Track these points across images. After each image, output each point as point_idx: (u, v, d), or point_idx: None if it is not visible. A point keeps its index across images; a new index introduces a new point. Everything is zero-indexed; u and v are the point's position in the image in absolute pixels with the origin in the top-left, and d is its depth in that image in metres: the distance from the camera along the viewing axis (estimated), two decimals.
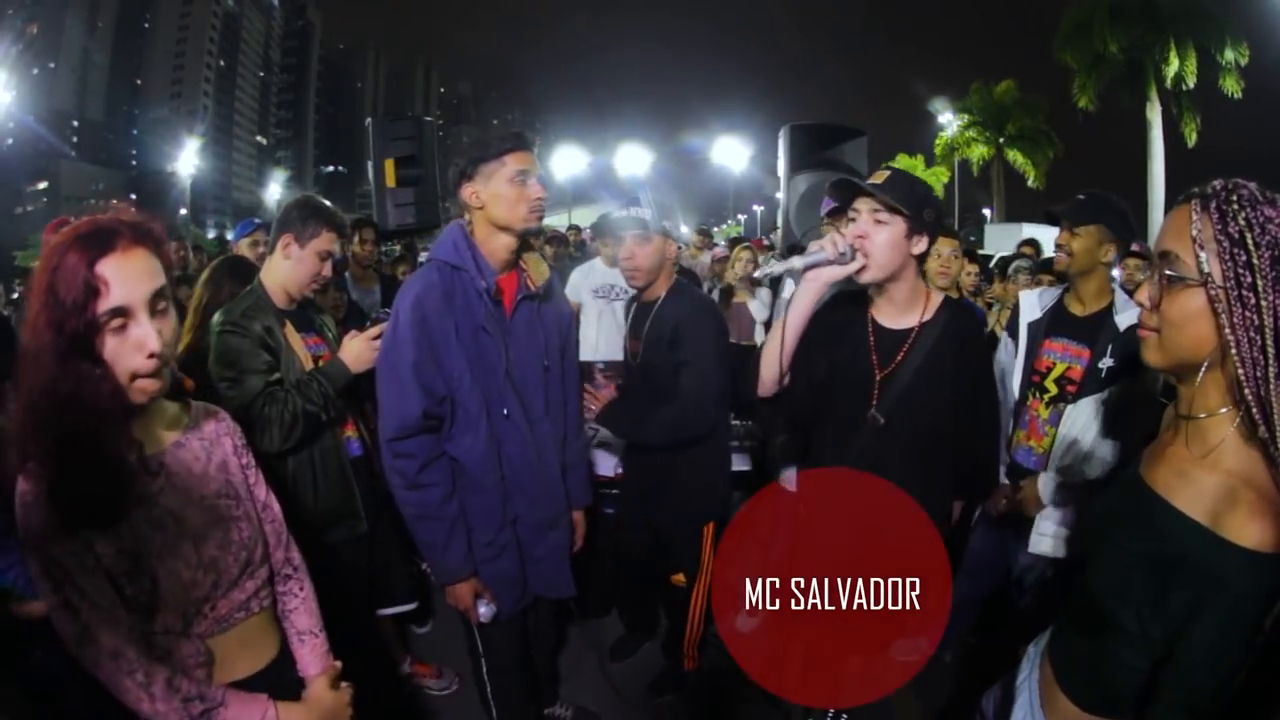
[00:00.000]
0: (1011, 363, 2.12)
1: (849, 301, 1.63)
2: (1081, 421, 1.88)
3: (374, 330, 1.89)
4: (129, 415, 0.99)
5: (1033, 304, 2.13)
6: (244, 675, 1.11)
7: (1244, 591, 0.79)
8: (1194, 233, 0.81)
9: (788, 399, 1.59)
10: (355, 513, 1.99)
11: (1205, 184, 0.84)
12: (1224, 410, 0.85)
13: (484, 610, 1.72)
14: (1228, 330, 0.79)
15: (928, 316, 1.53)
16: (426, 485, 1.63)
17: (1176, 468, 0.89)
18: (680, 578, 2.37)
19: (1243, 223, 0.78)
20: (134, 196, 63.97)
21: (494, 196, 1.61)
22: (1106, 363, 1.89)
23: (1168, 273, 0.84)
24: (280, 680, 1.17)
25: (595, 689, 2.50)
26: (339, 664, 1.26)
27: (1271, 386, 0.77)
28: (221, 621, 1.08)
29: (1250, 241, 0.78)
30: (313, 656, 1.23)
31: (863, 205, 1.47)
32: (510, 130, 1.68)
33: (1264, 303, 0.77)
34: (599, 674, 2.58)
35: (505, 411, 1.66)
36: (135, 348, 0.94)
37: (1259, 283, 0.77)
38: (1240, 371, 0.79)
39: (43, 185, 57.05)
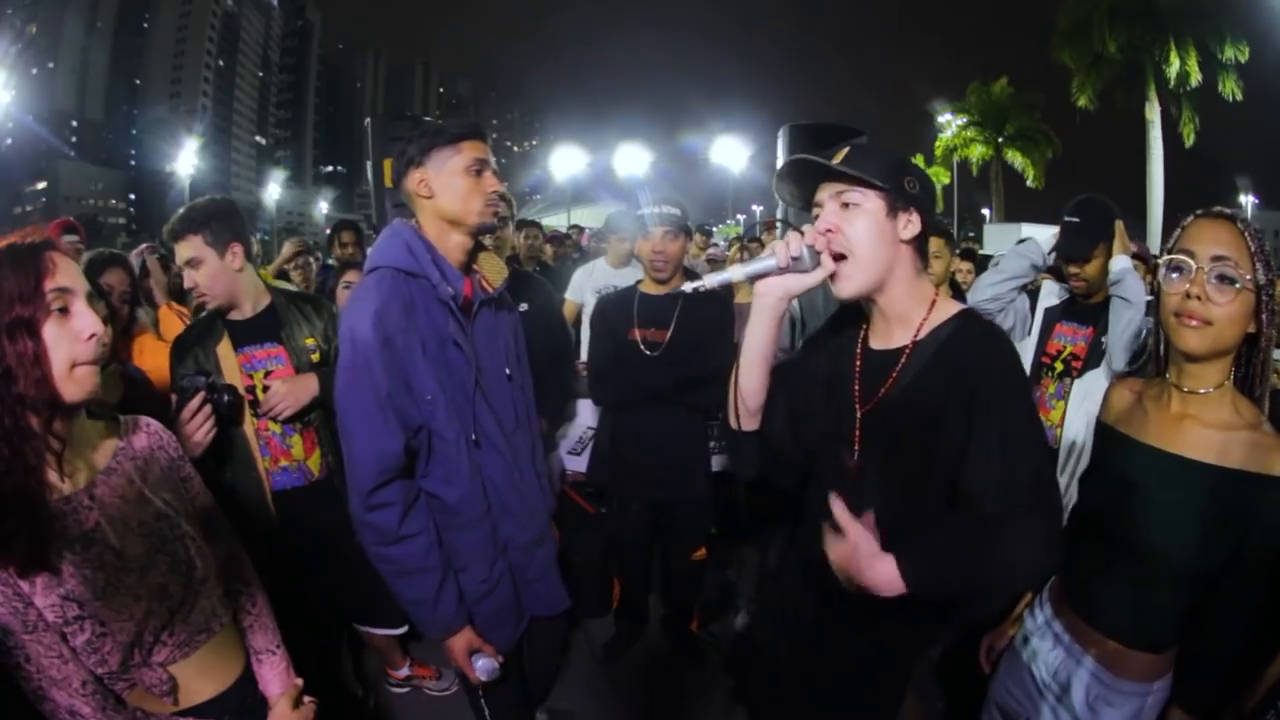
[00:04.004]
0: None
1: (849, 320, 1.28)
2: (1089, 391, 1.99)
3: (189, 407, 1.58)
4: (54, 414, 0.94)
5: (1052, 291, 2.27)
6: (209, 696, 1.09)
7: None
8: (1251, 248, 1.03)
9: (765, 439, 1.30)
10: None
11: (1223, 209, 1.07)
12: (1221, 384, 1.09)
13: (482, 665, 1.51)
14: (1264, 327, 1.05)
15: (923, 334, 1.12)
16: (409, 536, 1.40)
17: (1196, 433, 1.10)
18: (702, 552, 2.55)
19: (1267, 248, 1.04)
20: (133, 196, 64.11)
21: (446, 186, 1.42)
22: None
23: (1232, 275, 1.03)
24: (245, 698, 1.15)
25: (591, 689, 2.50)
26: (300, 681, 1.23)
27: (1270, 366, 1.08)
28: (183, 646, 1.05)
29: (1274, 265, 1.04)
30: (273, 675, 1.19)
31: (825, 192, 1.12)
32: (468, 120, 1.52)
33: (1276, 306, 1.06)
34: (598, 675, 2.58)
35: (484, 431, 1.49)
36: (75, 335, 0.93)
37: (1276, 293, 1.05)
38: (1261, 357, 1.07)
39: (42, 185, 57.01)
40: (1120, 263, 1.98)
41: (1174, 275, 1.07)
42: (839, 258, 1.09)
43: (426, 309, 1.41)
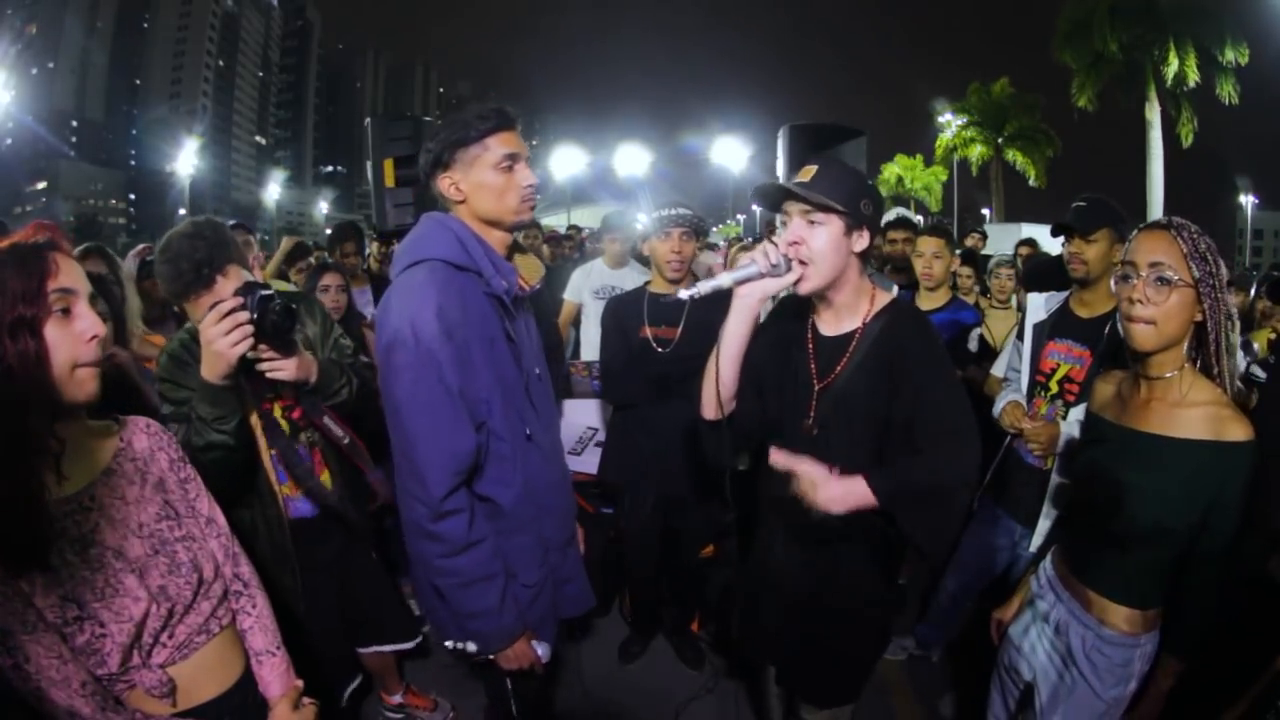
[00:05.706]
0: (1019, 364, 2.14)
1: (792, 310, 1.52)
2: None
3: (223, 306, 1.35)
4: (55, 415, 0.95)
5: (1039, 306, 2.14)
6: (209, 698, 1.09)
7: (1248, 468, 1.21)
8: (1184, 250, 1.20)
9: (735, 421, 1.49)
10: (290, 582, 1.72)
11: (1161, 219, 1.26)
12: (1180, 369, 1.26)
13: (543, 651, 1.46)
14: (1208, 314, 1.21)
15: (868, 320, 1.40)
16: (477, 542, 1.32)
17: (1163, 413, 1.27)
18: (711, 549, 2.55)
19: (1204, 246, 1.21)
20: (133, 196, 64.16)
21: (478, 187, 1.35)
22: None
23: (1168, 277, 1.20)
24: (245, 700, 1.15)
25: (592, 690, 2.50)
26: (300, 683, 1.22)
27: (1225, 346, 1.23)
28: (182, 648, 1.05)
29: (1212, 259, 1.21)
30: (273, 677, 1.19)
31: (792, 208, 1.34)
32: (490, 107, 1.37)
33: (1221, 297, 1.21)
34: (599, 675, 2.58)
35: (528, 431, 1.43)
36: (77, 336, 0.94)
37: (1218, 284, 1.21)
38: (1212, 338, 1.22)
39: (42, 185, 57.12)
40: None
41: (1122, 283, 1.26)
42: (802, 263, 1.32)
43: (477, 304, 1.34)
